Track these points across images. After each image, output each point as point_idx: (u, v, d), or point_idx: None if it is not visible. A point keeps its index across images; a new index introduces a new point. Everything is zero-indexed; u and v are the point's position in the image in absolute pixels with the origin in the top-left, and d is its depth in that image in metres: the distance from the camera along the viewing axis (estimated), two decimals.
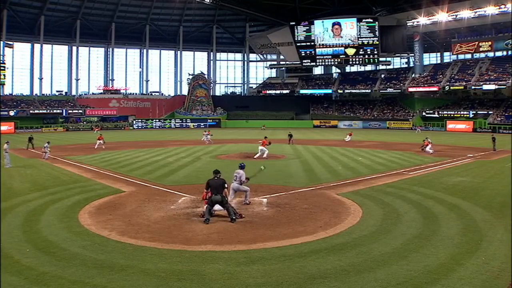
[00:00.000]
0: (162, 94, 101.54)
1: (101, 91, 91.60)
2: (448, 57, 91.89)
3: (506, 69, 75.45)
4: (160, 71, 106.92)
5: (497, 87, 73.62)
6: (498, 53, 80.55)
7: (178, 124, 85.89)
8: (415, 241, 9.90)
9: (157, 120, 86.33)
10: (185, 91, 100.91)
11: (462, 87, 77.76)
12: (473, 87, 76.66)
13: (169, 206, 13.43)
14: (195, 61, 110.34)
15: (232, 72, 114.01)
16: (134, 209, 13.04)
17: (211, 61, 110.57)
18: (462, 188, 16.57)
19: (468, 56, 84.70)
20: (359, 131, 71.55)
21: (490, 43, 79.34)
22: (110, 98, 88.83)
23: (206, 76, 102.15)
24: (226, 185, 11.82)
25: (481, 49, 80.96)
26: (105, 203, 13.95)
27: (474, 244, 9.73)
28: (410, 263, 8.53)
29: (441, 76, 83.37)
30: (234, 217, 11.55)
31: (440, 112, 78.74)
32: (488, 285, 7.66)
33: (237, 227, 11.10)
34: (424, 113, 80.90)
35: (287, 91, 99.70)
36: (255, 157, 27.49)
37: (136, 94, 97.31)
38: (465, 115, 75.06)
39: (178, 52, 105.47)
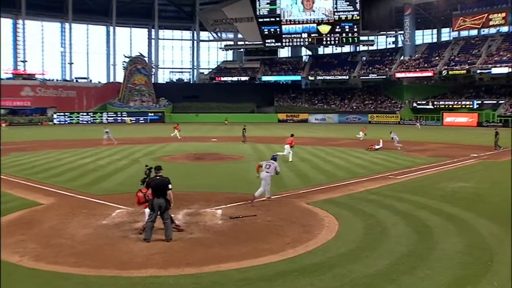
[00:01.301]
0: (91, 81, 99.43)
1: (10, 75, 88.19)
2: (447, 34, 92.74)
3: None
4: (88, 52, 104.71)
5: (511, 70, 72.28)
6: None
7: (112, 118, 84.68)
8: (405, 261, 9.94)
9: (84, 114, 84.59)
10: (120, 78, 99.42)
11: (464, 71, 77.63)
12: (478, 71, 76.52)
13: (99, 221, 13.14)
14: (132, 40, 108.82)
15: (179, 54, 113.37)
16: (54, 226, 12.66)
17: (153, 40, 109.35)
18: (464, 196, 16.93)
19: (474, 32, 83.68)
20: (334, 126, 72.74)
21: (503, 14, 77.97)
22: (22, 85, 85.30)
23: (146, 59, 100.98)
24: (170, 186, 11.61)
25: (491, 23, 79.85)
26: (16, 219, 13.46)
27: (482, 265, 9.64)
28: None
29: (437, 58, 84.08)
30: (170, 237, 11.35)
31: (435, 103, 79.59)
32: None
33: (185, 245, 10.99)
34: (414, 104, 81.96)
35: (247, 78, 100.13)
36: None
37: (57, 80, 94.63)
38: (467, 106, 75.60)
39: (111, 28, 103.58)
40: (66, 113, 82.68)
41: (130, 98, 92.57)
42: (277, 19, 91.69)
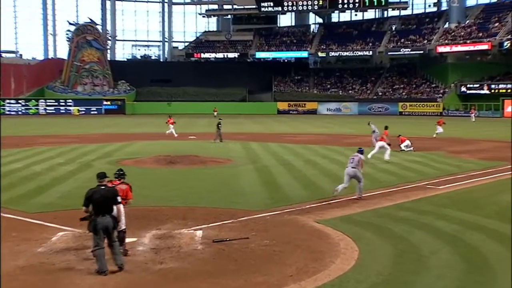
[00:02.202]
0: (21, 56, 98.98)
1: None
2: None
3: None
4: (16, 16, 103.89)
5: None
6: None
7: (52, 108, 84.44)
8: None
9: (13, 101, 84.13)
10: (62, 53, 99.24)
11: None
12: None
13: (35, 248, 13.04)
14: (78, 1, 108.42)
15: (144, 22, 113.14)
16: None
17: (107, 2, 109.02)
18: None
19: None
20: (352, 119, 72.81)
21: None
22: None
23: (99, 27, 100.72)
24: (119, 199, 11.56)
25: None
26: None
27: None
28: None
29: (497, 24, 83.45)
30: (122, 263, 11.32)
31: (492, 87, 79.53)
32: None
33: (153, 279, 10.96)
34: (463, 89, 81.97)
35: (236, 55, 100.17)
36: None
37: None
38: None
39: None
40: None
41: (77, 81, 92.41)
42: None
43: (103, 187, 11.59)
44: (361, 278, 10.99)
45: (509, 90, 77.43)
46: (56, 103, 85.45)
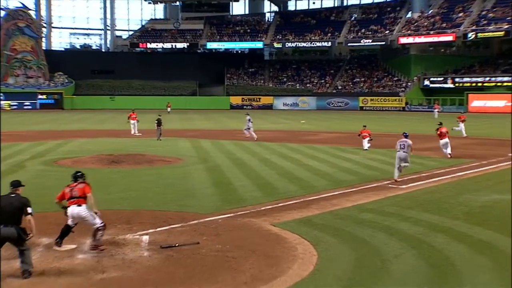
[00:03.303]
0: None
1: None
2: None
3: None
4: None
5: None
6: None
7: None
8: None
9: None
10: None
11: (503, 33, 77.98)
12: None
13: None
14: None
15: (84, 8, 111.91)
16: None
17: None
18: (501, 214, 17.04)
19: None
20: (310, 115, 73.27)
21: None
22: None
23: (32, 13, 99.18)
24: (30, 210, 11.41)
25: None
26: None
27: None
28: None
29: (461, 15, 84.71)
30: (30, 269, 11.27)
31: (456, 80, 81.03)
32: None
33: None
34: (426, 82, 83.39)
35: (185, 45, 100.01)
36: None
37: None
38: (505, 84, 76.87)
39: None
40: None
41: (8, 72, 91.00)
42: None
43: (13, 195, 11.53)
44: (320, 284, 11.09)
45: (473, 84, 78.96)
46: None
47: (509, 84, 76.32)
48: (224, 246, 13.60)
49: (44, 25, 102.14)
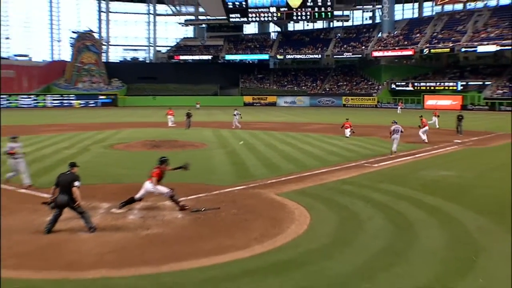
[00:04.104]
0: (31, 59, 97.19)
1: None
2: (429, 9, 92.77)
3: None
4: (28, 26, 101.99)
5: (499, 48, 72.05)
6: (504, 1, 79.34)
7: (58, 101, 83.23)
8: (383, 257, 10.09)
9: (25, 96, 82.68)
10: (65, 56, 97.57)
11: (448, 49, 78.18)
12: (463, 50, 76.73)
13: (44, 217, 12.86)
14: (80, 13, 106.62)
15: (133, 30, 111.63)
16: None
17: (103, 14, 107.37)
18: (447, 186, 17.19)
19: (459, 6, 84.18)
20: (305, 110, 73.18)
21: None
22: None
23: (96, 35, 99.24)
24: (77, 184, 11.61)
25: None
26: None
27: (466, 261, 9.82)
28: (378, 287, 8.64)
29: (418, 35, 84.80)
30: (92, 226, 11.56)
31: (415, 84, 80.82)
32: None
33: (141, 243, 10.91)
34: (393, 86, 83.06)
35: (209, 57, 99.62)
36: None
37: None
38: (451, 88, 76.89)
39: None
40: (3, 96, 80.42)
41: (78, 79, 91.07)
42: None
43: (68, 173, 11.86)
44: (312, 240, 11.14)
45: (428, 87, 79.03)
46: (61, 97, 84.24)
47: (454, 88, 76.56)
48: (239, 211, 13.63)
49: (104, 43, 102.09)
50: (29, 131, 37.60)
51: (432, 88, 78.74)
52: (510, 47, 70.72)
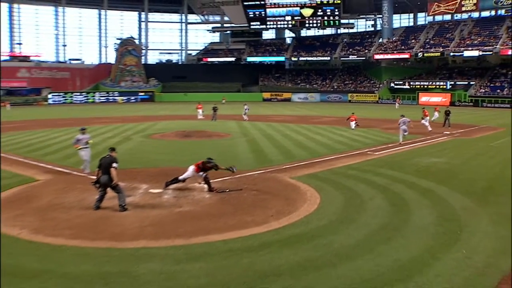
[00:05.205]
0: (83, 62, 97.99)
1: (7, 57, 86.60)
2: (422, 18, 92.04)
3: (493, 32, 74.72)
4: (81, 34, 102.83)
5: (481, 53, 72.74)
6: (484, 13, 79.45)
7: (104, 98, 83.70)
8: (382, 232, 10.11)
9: (78, 94, 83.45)
10: (111, 59, 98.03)
11: (439, 53, 77.94)
12: (452, 54, 76.64)
13: (93, 196, 13.06)
14: (123, 23, 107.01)
15: (168, 36, 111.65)
16: (51, 201, 12.60)
17: (143, 23, 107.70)
18: (437, 171, 17.11)
19: (447, 17, 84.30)
20: (315, 105, 72.83)
21: (475, 1, 78.08)
22: (18, 66, 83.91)
23: (136, 41, 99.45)
24: (114, 165, 11.81)
25: (463, 8, 79.90)
26: (14, 195, 13.37)
27: (452, 235, 9.89)
28: (377, 257, 8.67)
29: (413, 41, 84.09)
30: (123, 205, 11.64)
31: (411, 83, 79.99)
32: (472, 284, 7.63)
33: (175, 218, 11.03)
34: (392, 84, 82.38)
35: (233, 59, 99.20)
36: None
37: (51, 62, 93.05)
38: (441, 86, 76.29)
39: (102, 11, 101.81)
40: (60, 93, 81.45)
41: (121, 79, 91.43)
42: (262, 2, 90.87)
43: (108, 156, 12.09)
44: (321, 217, 11.16)
45: (422, 86, 78.36)
46: (107, 94, 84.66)
47: (443, 86, 76.03)
48: (258, 192, 13.68)
49: (143, 48, 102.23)
50: (81, 123, 38.00)
51: (425, 86, 78.21)
52: (490, 53, 72.15)
